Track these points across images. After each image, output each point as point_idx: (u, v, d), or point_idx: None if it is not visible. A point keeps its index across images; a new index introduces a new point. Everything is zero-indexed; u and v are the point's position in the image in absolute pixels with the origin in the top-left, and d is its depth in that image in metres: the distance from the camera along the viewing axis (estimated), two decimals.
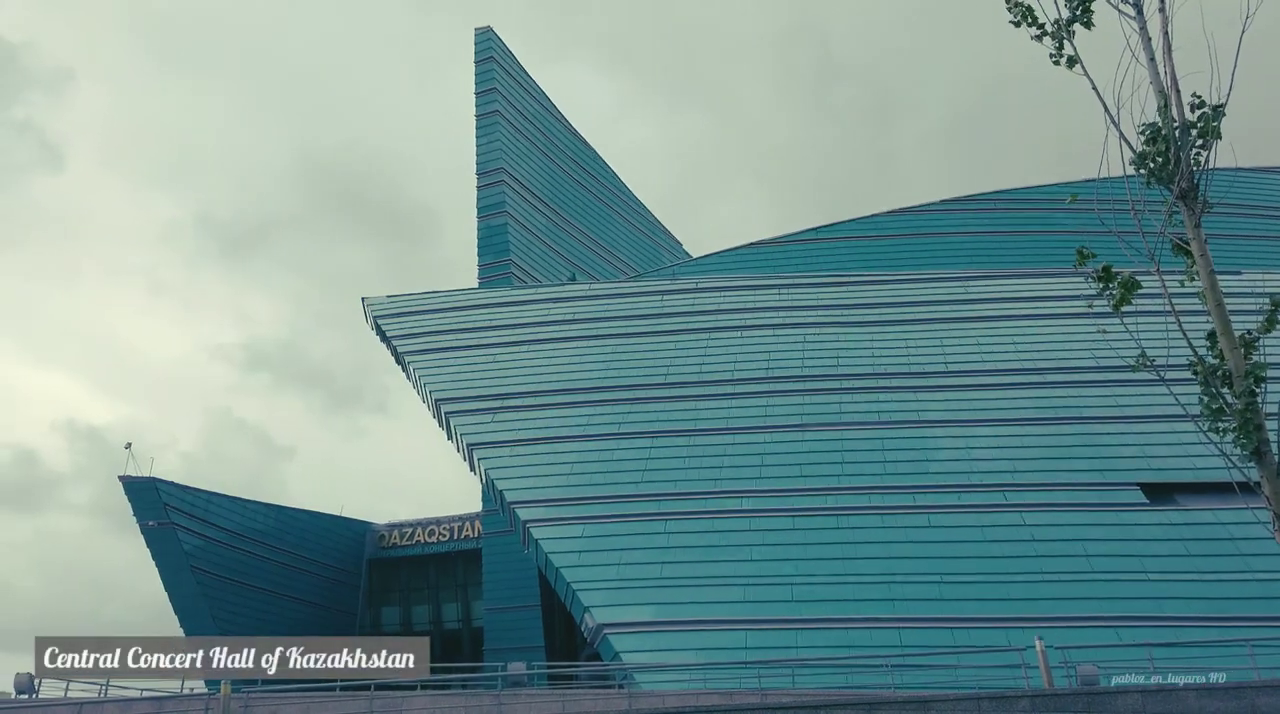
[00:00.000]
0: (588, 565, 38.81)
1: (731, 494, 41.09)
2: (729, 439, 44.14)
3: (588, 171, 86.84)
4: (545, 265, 74.06)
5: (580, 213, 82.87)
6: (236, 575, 61.98)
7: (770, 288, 55.74)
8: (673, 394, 47.72)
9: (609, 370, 50.64)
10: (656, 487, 42.16)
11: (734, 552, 38.37)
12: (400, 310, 59.55)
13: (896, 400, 45.36)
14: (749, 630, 34.72)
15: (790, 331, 51.27)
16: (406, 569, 74.85)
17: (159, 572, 59.43)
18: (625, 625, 35.69)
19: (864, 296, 53.73)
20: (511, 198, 73.38)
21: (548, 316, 56.76)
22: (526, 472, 44.34)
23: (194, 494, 61.19)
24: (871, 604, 35.32)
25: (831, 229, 64.84)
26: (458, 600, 73.35)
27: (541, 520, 41.06)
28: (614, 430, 46.06)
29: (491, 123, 75.26)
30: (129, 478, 58.09)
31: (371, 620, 73.72)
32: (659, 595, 37.16)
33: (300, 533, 68.87)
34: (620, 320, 55.02)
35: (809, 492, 40.58)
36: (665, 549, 39.10)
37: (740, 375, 48.23)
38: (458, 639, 71.36)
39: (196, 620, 59.98)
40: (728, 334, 51.96)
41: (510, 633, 56.90)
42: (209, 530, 61.01)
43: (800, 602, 35.68)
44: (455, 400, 49.84)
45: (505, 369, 52.29)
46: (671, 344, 51.93)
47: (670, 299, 56.40)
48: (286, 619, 64.54)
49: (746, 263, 62.37)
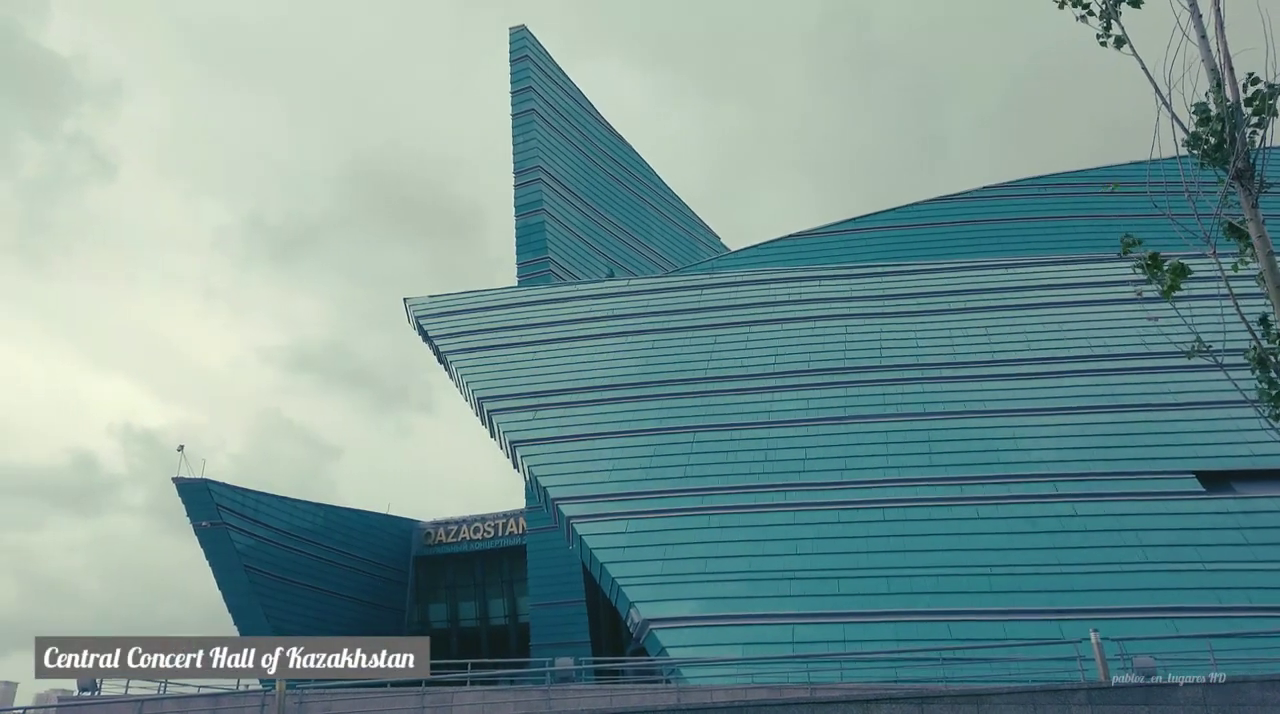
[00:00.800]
0: (632, 561, 38.87)
1: (775, 488, 40.87)
2: (771, 433, 43.89)
3: (624, 167, 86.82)
4: (584, 262, 74.22)
5: (617, 209, 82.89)
6: (287, 574, 63.10)
7: (810, 280, 55.28)
8: (714, 388, 47.57)
9: (649, 366, 50.62)
10: (699, 481, 42.10)
11: (779, 546, 38.17)
12: (441, 310, 60.07)
13: (942, 391, 44.75)
14: (796, 625, 34.54)
15: (832, 323, 50.81)
16: (453, 566, 75.63)
17: (213, 571, 60.71)
18: (671, 620, 35.71)
19: (907, 286, 53.06)
20: (549, 195, 73.62)
21: (587, 313, 56.87)
22: (569, 468, 44.51)
23: (245, 494, 62.40)
24: (921, 597, 34.96)
25: (872, 219, 64.12)
26: (504, 596, 73.95)
27: (585, 516, 41.20)
28: (656, 426, 46.04)
29: (527, 121, 75.55)
30: (182, 480, 59.41)
31: (420, 617, 74.61)
32: (704, 590, 37.12)
33: (348, 531, 69.93)
34: (659, 316, 54.96)
35: (854, 485, 40.23)
36: (710, 544, 39.03)
37: (782, 368, 47.92)
38: (505, 635, 71.96)
39: (250, 619, 61.17)
40: (768, 327, 51.65)
41: (556, 628, 57.19)
42: (260, 530, 62.18)
43: (848, 595, 35.42)
44: (497, 398, 50.17)
45: (546, 366, 52.51)
46: (711, 338, 51.76)
47: (709, 293, 56.19)
48: (337, 617, 65.56)
49: (786, 255, 61.91)
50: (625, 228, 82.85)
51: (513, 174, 74.05)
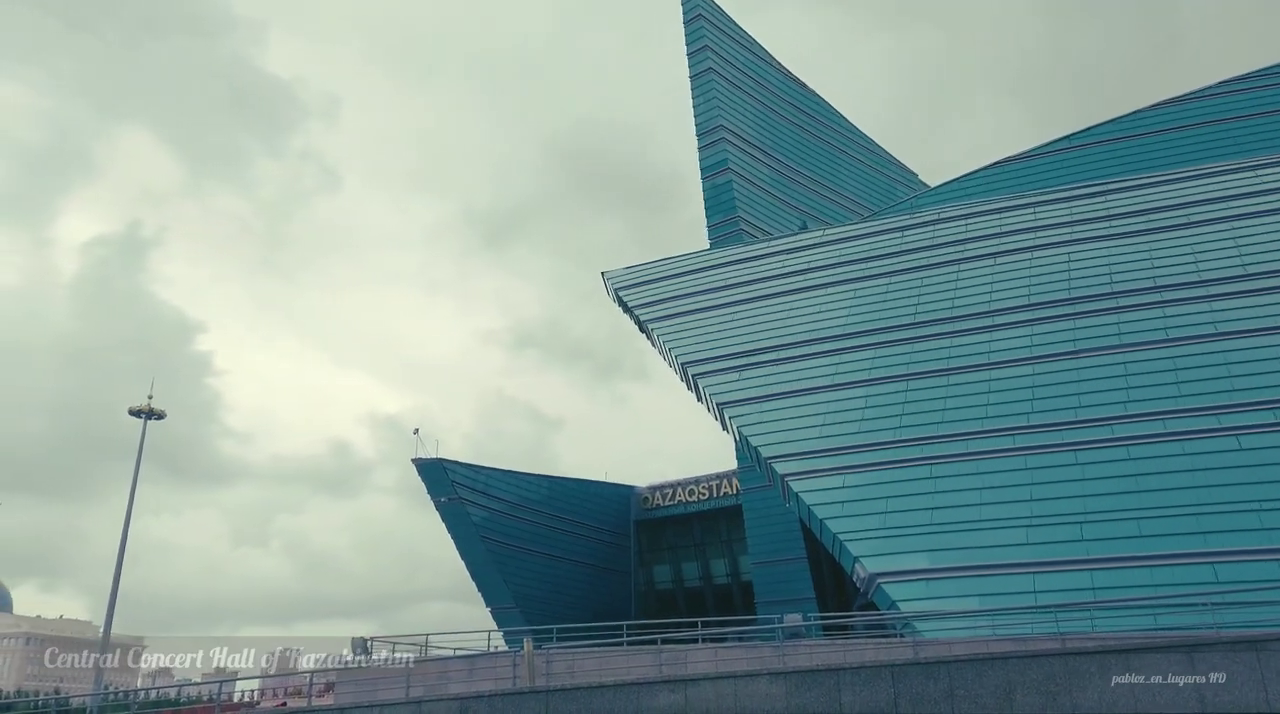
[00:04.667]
0: (852, 515, 38.19)
1: (1001, 432, 38.74)
2: (993, 374, 41.55)
3: (808, 114, 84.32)
4: (774, 218, 72.96)
5: (805, 159, 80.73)
6: (520, 542, 66.92)
7: (1023, 207, 51.55)
8: (925, 333, 45.54)
9: (853, 316, 49.17)
10: (917, 431, 40.60)
11: (1010, 492, 36.24)
12: (638, 280, 61.04)
13: (1186, 313, 40.60)
14: (1037, 574, 32.73)
15: (1052, 252, 47.21)
16: (671, 528, 77.36)
17: (454, 543, 65.39)
18: (899, 574, 34.83)
19: (1137, 202, 48.36)
20: (734, 154, 72.75)
21: (783, 269, 55.97)
22: (779, 426, 44.16)
23: (477, 470, 66.62)
24: (1176, 539, 32.22)
25: (1087, 134, 58.57)
26: (724, 556, 74.89)
27: (800, 473, 40.78)
28: (865, 377, 44.75)
29: (706, 81, 74.84)
30: (420, 460, 64.22)
31: (645, 579, 77.03)
32: (932, 542, 35.91)
33: (571, 500, 73.10)
34: (859, 263, 53.19)
35: (1090, 423, 37.45)
36: (933, 494, 37.66)
37: (999, 305, 45.11)
38: (728, 594, 72.98)
39: (492, 585, 65.52)
40: (980, 263, 48.71)
41: (779, 586, 57.27)
42: (492, 503, 66.23)
43: (1093, 540, 33.15)
44: (701, 362, 50.48)
45: (747, 326, 52.23)
46: (918, 281, 49.51)
47: (911, 234, 53.71)
48: (569, 582, 68.94)
49: (992, 185, 57.94)
50: (815, 177, 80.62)
51: (695, 136, 73.77)
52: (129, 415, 49.47)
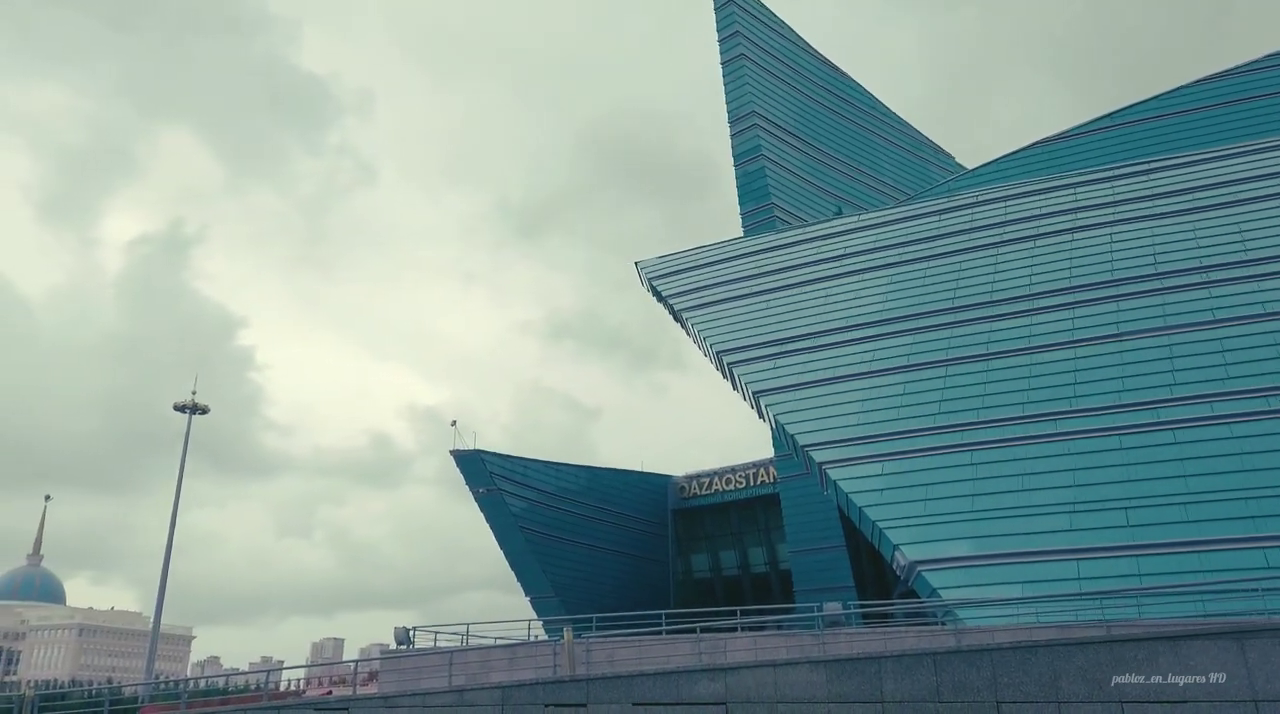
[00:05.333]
0: (891, 503, 37.90)
1: (1043, 417, 38.19)
2: (1033, 359, 40.95)
3: (843, 99, 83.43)
4: (809, 204, 72.36)
5: (839, 144, 79.93)
6: (558, 532, 67.29)
7: (1063, 188, 50.61)
8: (964, 318, 44.97)
9: (890, 302, 48.68)
10: (956, 417, 40.16)
11: (1053, 478, 35.75)
12: (671, 269, 60.92)
13: (1233, 293, 39.64)
14: (1080, 560, 32.29)
15: (1094, 233, 46.33)
16: (709, 517, 77.34)
17: (493, 532, 65.92)
18: (940, 561, 34.55)
19: (1179, 181, 47.27)
20: (766, 140, 72.22)
21: (818, 255, 55.53)
22: (816, 414, 43.91)
23: (514, 461, 67.06)
24: (1225, 524, 31.62)
25: (1129, 112, 57.26)
26: (762, 544, 74.74)
27: (837, 461, 40.55)
28: (903, 363, 44.31)
29: (738, 67, 74.31)
30: (459, 451, 64.77)
31: (683, 568, 77.14)
32: (973, 529, 35.54)
33: (608, 489, 73.35)
34: (896, 248, 52.61)
35: (1135, 407, 36.78)
36: (974, 481, 37.27)
37: (1039, 288, 44.39)
38: (767, 582, 72.85)
39: (531, 575, 66.04)
40: (1019, 246, 47.95)
41: (818, 574, 57.03)
42: (530, 493, 66.65)
43: (1139, 526, 32.61)
44: (736, 350, 50.31)
45: (782, 313, 51.94)
46: (955, 265, 48.87)
47: (949, 218, 53.00)
48: (608, 571, 69.23)
49: (1031, 166, 56.93)
50: (850, 162, 79.80)
51: (728, 123, 73.32)
52: (174, 411, 50.51)
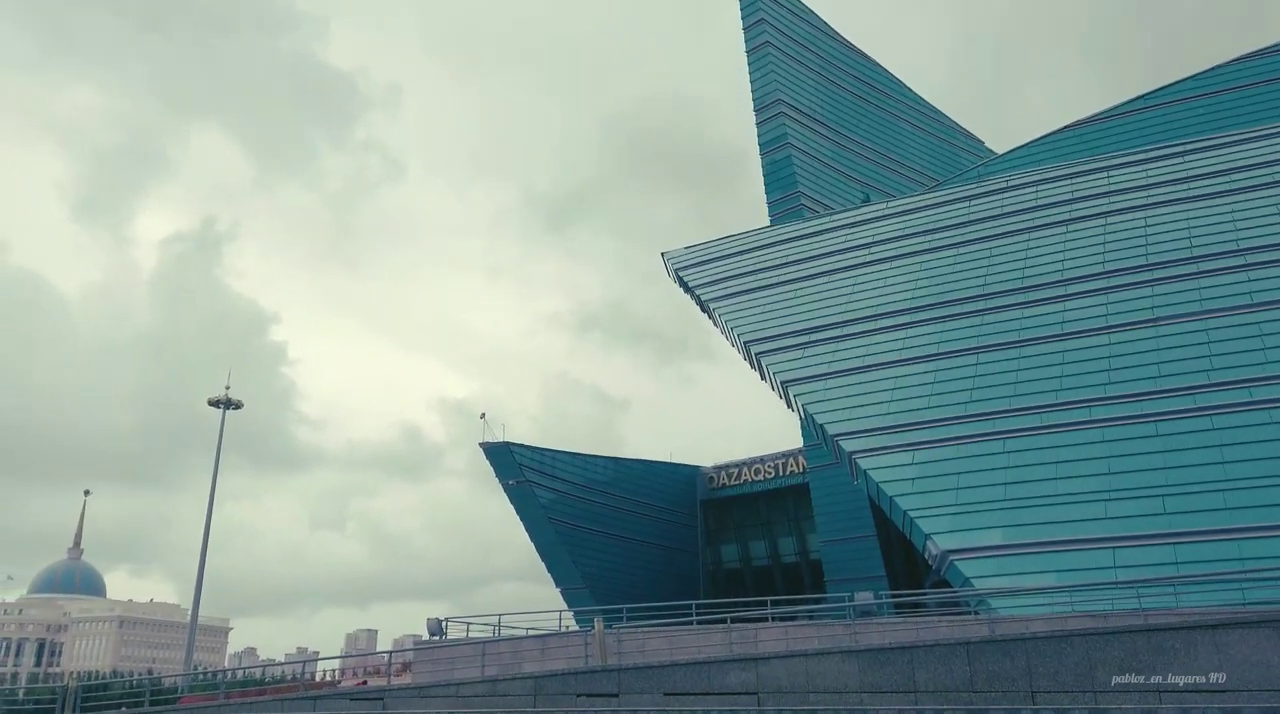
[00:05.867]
0: (923, 492, 37.60)
1: (1076, 405, 37.68)
2: (1066, 345, 40.41)
3: (870, 85, 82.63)
4: (836, 192, 71.83)
5: (867, 131, 79.21)
6: (588, 524, 67.49)
7: (1097, 172, 49.81)
8: (995, 305, 44.45)
9: (920, 289, 48.22)
10: (988, 405, 39.73)
11: (1087, 466, 35.28)
12: (698, 259, 60.73)
13: (1270, 277, 38.88)
14: (1116, 549, 31.88)
15: (1128, 217, 45.59)
16: (738, 508, 77.22)
17: (523, 524, 66.27)
18: (972, 550, 34.24)
19: (1215, 163, 46.35)
20: (793, 128, 71.74)
21: (846, 243, 55.11)
22: (845, 403, 43.62)
23: (543, 453, 67.29)
24: (1264, 510, 31.22)
25: (1163, 93, 56.22)
26: (792, 535, 74.52)
27: (867, 451, 40.27)
28: (934, 351, 43.90)
29: (763, 55, 73.82)
30: (488, 444, 65.11)
31: (712, 559, 77.10)
32: (1006, 518, 35.18)
33: (636, 480, 73.43)
34: (925, 235, 52.09)
35: (1171, 393, 36.20)
36: (1006, 469, 36.88)
37: (1072, 273, 43.78)
38: (797, 572, 72.65)
39: (561, 566, 66.33)
40: (1051, 231, 47.30)
41: (849, 564, 56.79)
42: (559, 485, 66.88)
43: (1176, 514, 32.14)
44: (763, 340, 50.08)
45: (810, 303, 51.62)
46: (986, 251, 48.30)
47: (979, 203, 52.37)
48: (637, 562, 69.35)
49: (1063, 149, 56.07)
50: (878, 149, 79.07)
51: (754, 112, 72.89)
52: (208, 406, 51.20)
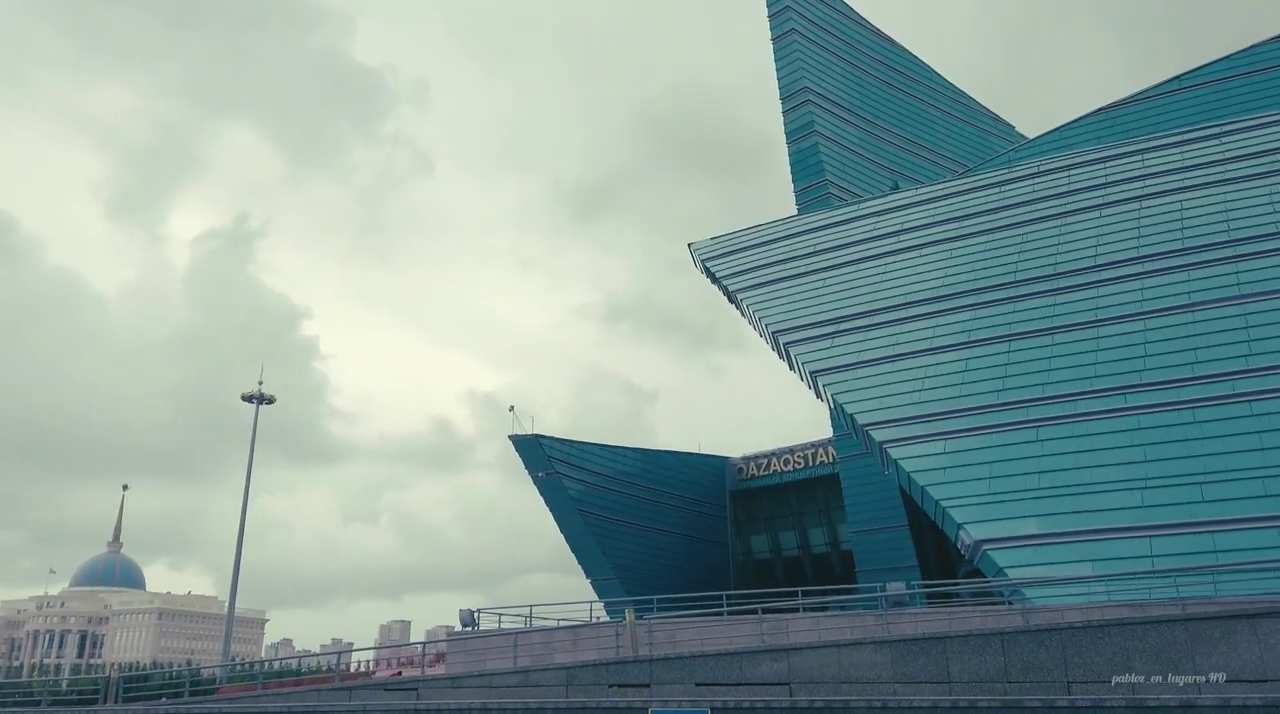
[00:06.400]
0: (954, 481, 37.33)
1: (1111, 392, 37.19)
2: (1100, 332, 39.87)
3: (897, 71, 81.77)
4: (864, 179, 71.24)
5: (895, 117, 78.43)
6: (617, 515, 67.65)
7: (1131, 155, 48.99)
8: (1027, 291, 43.91)
9: (950, 276, 47.74)
10: (1020, 393, 39.33)
11: (1123, 454, 34.85)
12: (725, 250, 60.52)
13: None
14: (1153, 537, 31.46)
15: (1163, 201, 44.82)
16: (767, 498, 77.03)
17: (553, 516, 66.56)
18: (1005, 540, 33.95)
19: (1253, 144, 45.41)
20: (819, 116, 71.20)
21: (875, 231, 54.67)
22: (875, 392, 43.35)
23: (572, 445, 67.50)
24: None
25: (1199, 73, 55.07)
26: (823, 525, 74.25)
27: (898, 440, 40.01)
28: (964, 339, 43.48)
29: (789, 43, 73.28)
30: (517, 436, 65.42)
31: (742, 549, 77.02)
32: (1039, 507, 34.85)
33: (665, 472, 73.47)
34: (955, 222, 51.54)
35: (1208, 379, 35.62)
36: (1039, 458, 36.50)
37: (1106, 259, 43.13)
38: (828, 563, 72.42)
39: (591, 557, 66.55)
40: (1084, 216, 46.61)
41: (880, 554, 56.53)
42: (588, 477, 67.07)
43: (1213, 501, 31.66)
44: (791, 330, 49.85)
45: (838, 292, 51.30)
46: (1018, 237, 47.70)
47: (1010, 189, 51.71)
48: (667, 553, 69.43)
49: (1096, 133, 55.18)
50: (906, 136, 78.28)
51: (780, 100, 72.41)
52: (241, 401, 51.86)
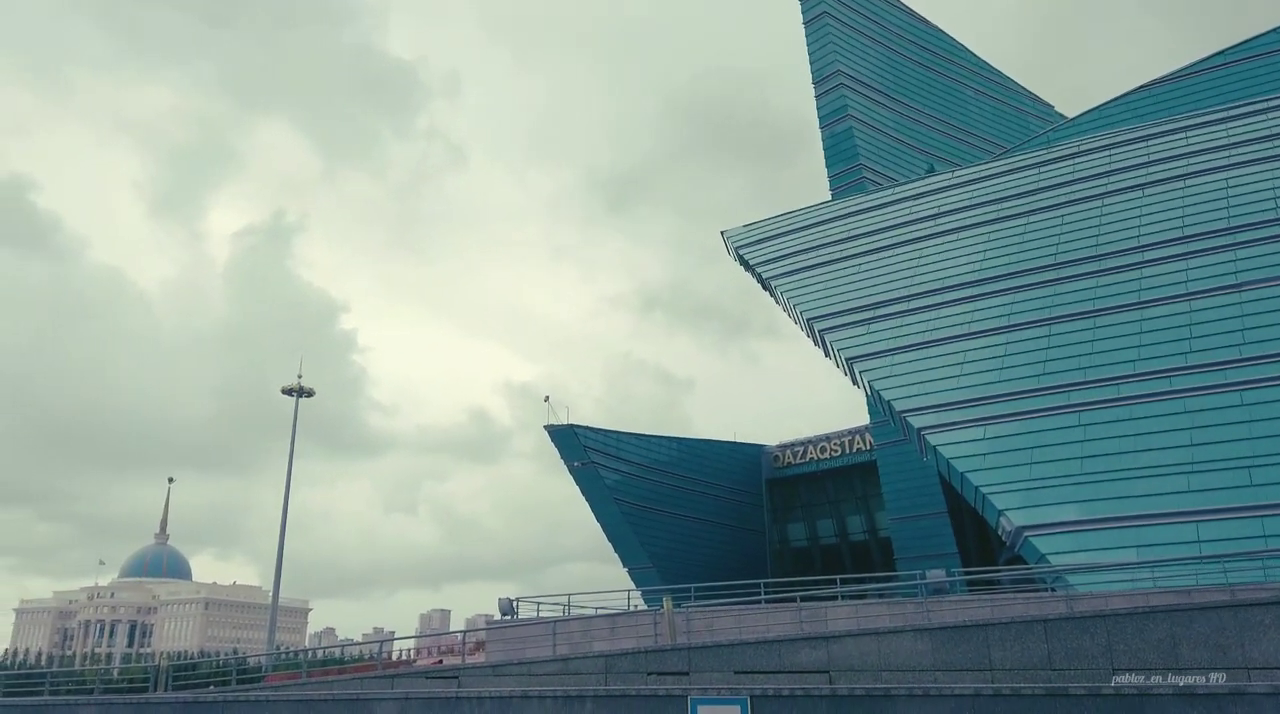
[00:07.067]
0: (995, 468, 36.86)
1: (1156, 375, 36.46)
2: (1144, 314, 39.09)
3: (932, 52, 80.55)
4: (900, 163, 70.37)
5: (930, 99, 77.32)
6: (653, 504, 67.71)
7: (1174, 133, 47.86)
8: (1067, 274, 43.14)
9: (988, 260, 47.04)
10: (1061, 377, 38.72)
11: (1168, 438, 34.18)
12: (758, 237, 60.13)
13: None
14: (1200, 522, 30.85)
15: (1208, 179, 43.74)
16: (804, 486, 76.66)
17: (589, 505, 66.79)
18: (1048, 526, 33.50)
19: None
20: (853, 99, 70.39)
21: (910, 215, 54.00)
22: (912, 378, 42.90)
23: (607, 435, 67.65)
24: None
25: (1244, 47, 53.57)
26: (860, 513, 73.76)
27: (936, 426, 39.58)
28: (1003, 323, 42.85)
29: (821, 26, 72.49)
30: (552, 426, 65.67)
31: (779, 537, 76.75)
32: (1082, 492, 34.31)
33: (701, 460, 73.35)
34: (993, 204, 50.74)
35: (1256, 361, 34.82)
36: (1082, 443, 35.92)
37: (1149, 239, 42.23)
38: (866, 550, 71.95)
39: (628, 546, 66.71)
40: (1126, 196, 45.65)
41: (919, 541, 56.03)
42: (624, 466, 67.18)
43: (1262, 485, 30.98)
44: (826, 317, 49.46)
45: (874, 277, 50.78)
46: (1058, 219, 46.85)
47: (1049, 170, 50.78)
48: (703, 541, 69.40)
49: (1138, 111, 53.96)
50: (942, 118, 77.14)
51: (812, 84, 71.70)
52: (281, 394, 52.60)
